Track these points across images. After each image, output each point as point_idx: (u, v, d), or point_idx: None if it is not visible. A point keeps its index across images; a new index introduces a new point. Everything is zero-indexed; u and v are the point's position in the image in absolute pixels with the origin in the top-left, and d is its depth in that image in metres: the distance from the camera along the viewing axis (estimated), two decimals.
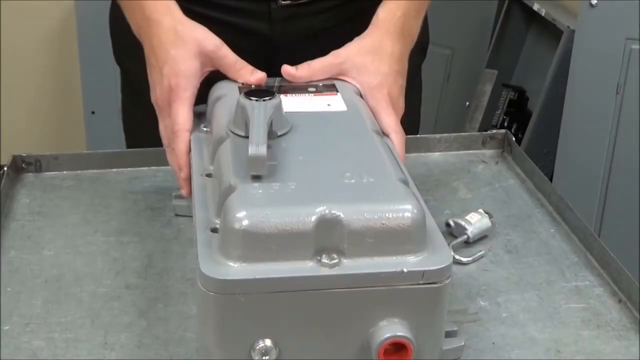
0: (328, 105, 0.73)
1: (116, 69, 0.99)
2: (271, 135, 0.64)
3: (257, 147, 0.58)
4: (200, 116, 0.75)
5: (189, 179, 0.72)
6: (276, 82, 0.76)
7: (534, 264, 0.76)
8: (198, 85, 0.74)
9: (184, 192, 0.74)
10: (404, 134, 0.75)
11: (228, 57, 0.75)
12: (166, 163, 0.76)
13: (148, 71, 0.76)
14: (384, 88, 0.76)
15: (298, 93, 0.74)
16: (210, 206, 0.62)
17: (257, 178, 0.59)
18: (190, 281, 0.72)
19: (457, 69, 2.10)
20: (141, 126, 0.86)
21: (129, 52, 0.87)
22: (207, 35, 0.75)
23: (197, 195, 0.64)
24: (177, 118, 0.72)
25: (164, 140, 0.75)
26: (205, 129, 0.74)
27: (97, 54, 1.98)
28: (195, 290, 0.56)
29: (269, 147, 0.59)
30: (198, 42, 0.74)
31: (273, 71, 0.77)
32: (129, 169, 0.89)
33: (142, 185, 0.86)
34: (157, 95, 0.75)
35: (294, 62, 0.77)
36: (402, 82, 0.79)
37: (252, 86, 0.74)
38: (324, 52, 0.78)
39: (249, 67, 0.75)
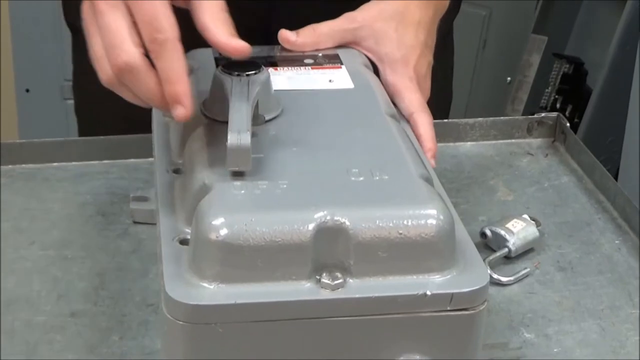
0: (330, 81, 0.73)
1: (59, 34, 1.00)
2: (257, 120, 0.64)
3: (239, 136, 0.58)
4: None
5: (190, 94, 0.61)
6: (269, 51, 0.76)
7: (593, 285, 0.77)
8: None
9: (182, 112, 0.60)
10: (430, 113, 0.76)
11: None
12: (124, 155, 0.76)
13: None
14: (409, 63, 0.77)
15: (291, 66, 0.75)
16: (178, 211, 0.62)
17: (238, 175, 0.59)
18: (152, 307, 0.72)
19: (495, 34, 2.10)
20: (100, 104, 0.86)
21: None
22: None
23: (162, 197, 0.64)
24: (157, 15, 0.59)
25: (123, 55, 0.60)
26: None
27: (33, 17, 1.99)
28: (159, 318, 0.56)
29: (253, 135, 0.59)
30: None
31: (271, 39, 0.77)
32: (74, 163, 0.89)
33: (91, 184, 0.87)
34: None
35: (295, 26, 0.77)
36: (430, 57, 0.80)
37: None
38: (334, 15, 0.78)
39: (229, 27, 0.64)
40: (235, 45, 0.62)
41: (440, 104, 0.93)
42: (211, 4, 0.62)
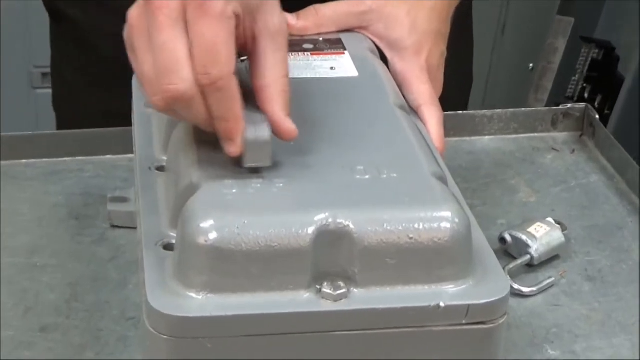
0: (332, 69, 0.73)
1: (24, 16, 1.00)
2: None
3: (256, 128, 0.59)
4: None
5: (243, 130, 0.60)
6: None
7: (625, 297, 0.77)
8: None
9: (233, 150, 0.59)
10: (442, 109, 0.76)
11: None
12: (101, 151, 0.76)
13: None
14: (421, 51, 0.77)
15: (289, 51, 0.74)
16: (162, 213, 0.62)
17: (255, 172, 0.59)
18: (133, 321, 0.72)
19: (516, 16, 2.10)
20: (83, 96, 0.86)
21: None
22: None
23: (144, 198, 0.64)
24: (217, 45, 0.57)
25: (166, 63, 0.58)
26: None
27: None
28: (140, 333, 0.57)
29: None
30: None
31: None
32: (45, 159, 0.89)
33: (64, 184, 0.87)
34: None
35: (295, 7, 0.78)
36: (443, 48, 0.80)
37: None
38: None
39: (288, 101, 0.62)
40: (289, 128, 0.60)
41: (459, 93, 0.93)
42: (278, 63, 0.61)
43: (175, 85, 0.57)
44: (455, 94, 0.78)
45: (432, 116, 0.75)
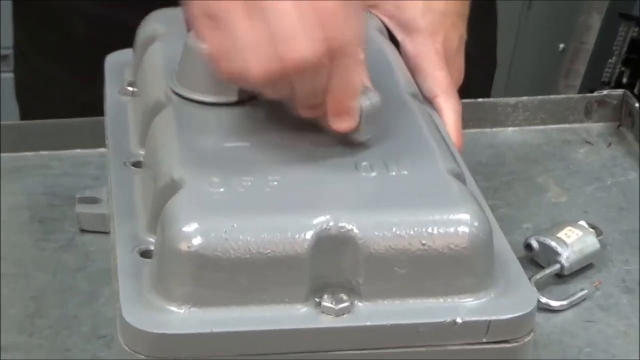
0: None
1: None
2: (241, 93, 0.65)
3: (368, 96, 0.60)
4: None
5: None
6: None
7: None
8: None
9: (349, 124, 0.62)
10: (459, 98, 0.76)
11: None
12: (68, 145, 0.75)
13: None
14: (437, 34, 0.78)
15: None
16: (139, 215, 0.63)
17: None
18: (105, 339, 0.72)
19: None
20: (51, 84, 0.86)
21: None
22: None
23: (118, 198, 0.65)
24: (337, 12, 0.59)
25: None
26: (130, 88, 0.74)
27: None
28: (114, 352, 0.57)
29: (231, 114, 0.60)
30: None
31: None
32: (4, 154, 0.89)
33: (26, 182, 0.87)
34: None
35: None
36: (462, 30, 0.80)
37: None
38: None
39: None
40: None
41: (480, 81, 0.93)
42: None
43: (299, 52, 0.57)
44: (476, 82, 0.78)
45: (449, 109, 0.75)
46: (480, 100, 0.95)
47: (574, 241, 0.79)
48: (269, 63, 0.58)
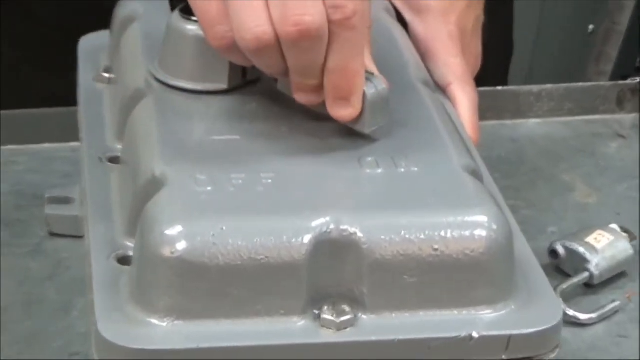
0: None
1: None
2: (234, 78, 0.66)
3: (374, 82, 0.61)
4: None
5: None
6: None
7: None
8: None
9: (350, 112, 0.62)
10: (476, 87, 0.77)
11: None
12: (36, 138, 0.75)
13: None
14: (450, 14, 0.78)
15: None
16: (116, 217, 0.63)
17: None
18: (77, 357, 0.72)
19: None
20: (18, 74, 0.86)
21: None
22: None
23: (93, 198, 0.65)
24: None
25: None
26: (106, 75, 0.75)
27: None
28: None
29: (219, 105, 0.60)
30: None
31: None
32: None
33: None
34: None
35: None
36: (479, 11, 0.81)
37: None
38: None
39: None
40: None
41: (496, 62, 0.93)
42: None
43: (305, 19, 0.58)
44: (491, 69, 0.78)
45: (464, 99, 0.75)
46: (499, 88, 0.95)
47: (604, 247, 0.79)
48: (263, 26, 0.58)
